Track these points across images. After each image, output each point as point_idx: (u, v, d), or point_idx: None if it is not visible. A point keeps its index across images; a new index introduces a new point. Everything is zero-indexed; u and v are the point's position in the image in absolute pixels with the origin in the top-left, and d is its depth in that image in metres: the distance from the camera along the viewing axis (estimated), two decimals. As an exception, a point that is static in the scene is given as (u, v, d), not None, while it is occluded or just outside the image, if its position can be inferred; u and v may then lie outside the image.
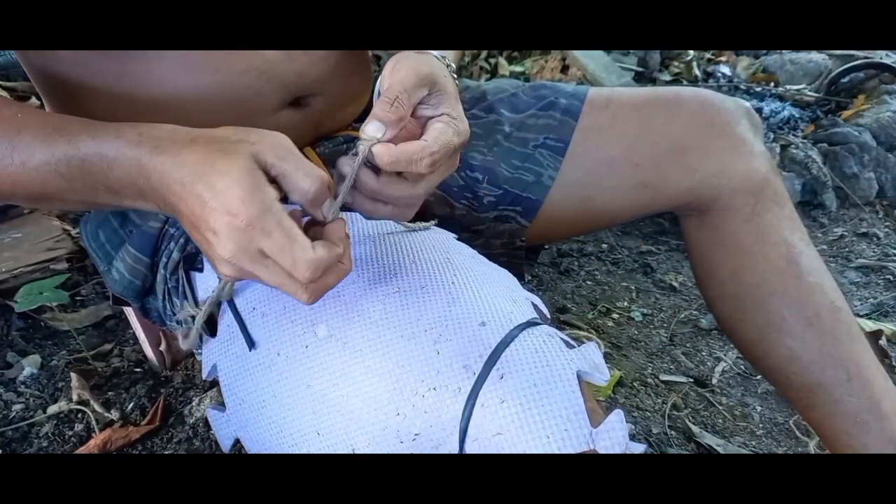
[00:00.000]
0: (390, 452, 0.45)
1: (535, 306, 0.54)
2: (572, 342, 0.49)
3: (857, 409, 0.70)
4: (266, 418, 0.50)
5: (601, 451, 0.42)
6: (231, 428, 0.52)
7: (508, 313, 0.49)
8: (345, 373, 0.47)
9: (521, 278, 0.64)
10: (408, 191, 0.49)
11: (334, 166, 0.68)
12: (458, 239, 0.61)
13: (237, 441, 0.52)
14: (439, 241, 0.58)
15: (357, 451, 0.46)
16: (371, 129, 0.47)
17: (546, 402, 0.42)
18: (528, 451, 0.42)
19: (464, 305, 0.48)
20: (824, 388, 0.71)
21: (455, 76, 0.58)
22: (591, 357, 0.47)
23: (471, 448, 0.44)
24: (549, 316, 0.55)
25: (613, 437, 0.42)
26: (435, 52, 0.57)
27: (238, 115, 0.61)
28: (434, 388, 0.44)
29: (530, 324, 0.48)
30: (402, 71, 0.49)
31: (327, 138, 0.69)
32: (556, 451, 0.41)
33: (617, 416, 0.43)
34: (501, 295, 0.52)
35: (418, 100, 0.50)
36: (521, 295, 0.54)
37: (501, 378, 0.44)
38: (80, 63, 0.58)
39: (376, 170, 0.48)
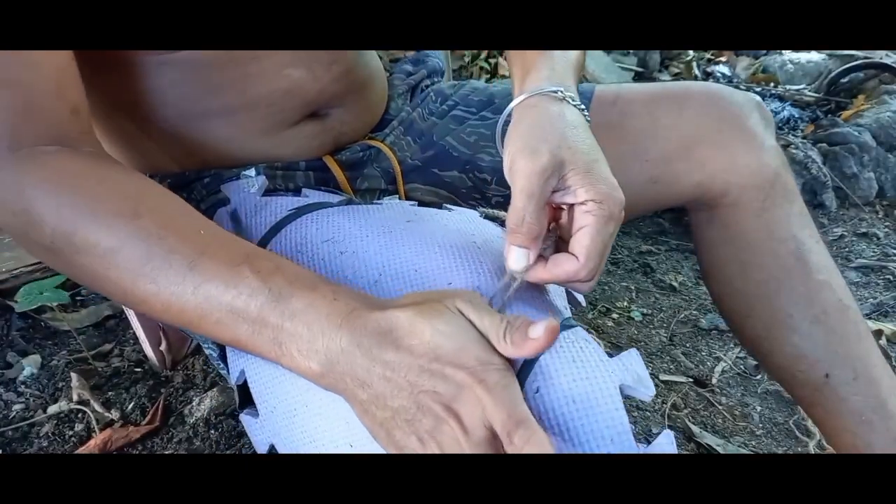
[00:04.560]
0: None
1: (569, 293, 0.52)
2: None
3: (862, 408, 0.70)
4: (297, 427, 0.48)
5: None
6: (265, 434, 0.50)
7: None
8: None
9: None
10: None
11: (349, 169, 0.69)
12: None
13: (272, 447, 0.51)
14: (465, 221, 0.57)
15: None
16: (513, 262, 0.45)
17: (587, 421, 0.39)
18: None
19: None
20: (830, 386, 0.71)
21: (582, 108, 0.52)
22: (633, 368, 0.43)
23: None
24: (582, 303, 0.52)
25: None
26: (549, 86, 0.51)
27: (260, 127, 0.64)
28: None
29: (565, 326, 0.45)
30: (519, 177, 0.45)
31: (346, 148, 0.71)
32: None
33: (667, 437, 0.40)
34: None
35: (549, 195, 0.46)
36: None
37: (537, 392, 0.40)
38: (103, 77, 0.58)
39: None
